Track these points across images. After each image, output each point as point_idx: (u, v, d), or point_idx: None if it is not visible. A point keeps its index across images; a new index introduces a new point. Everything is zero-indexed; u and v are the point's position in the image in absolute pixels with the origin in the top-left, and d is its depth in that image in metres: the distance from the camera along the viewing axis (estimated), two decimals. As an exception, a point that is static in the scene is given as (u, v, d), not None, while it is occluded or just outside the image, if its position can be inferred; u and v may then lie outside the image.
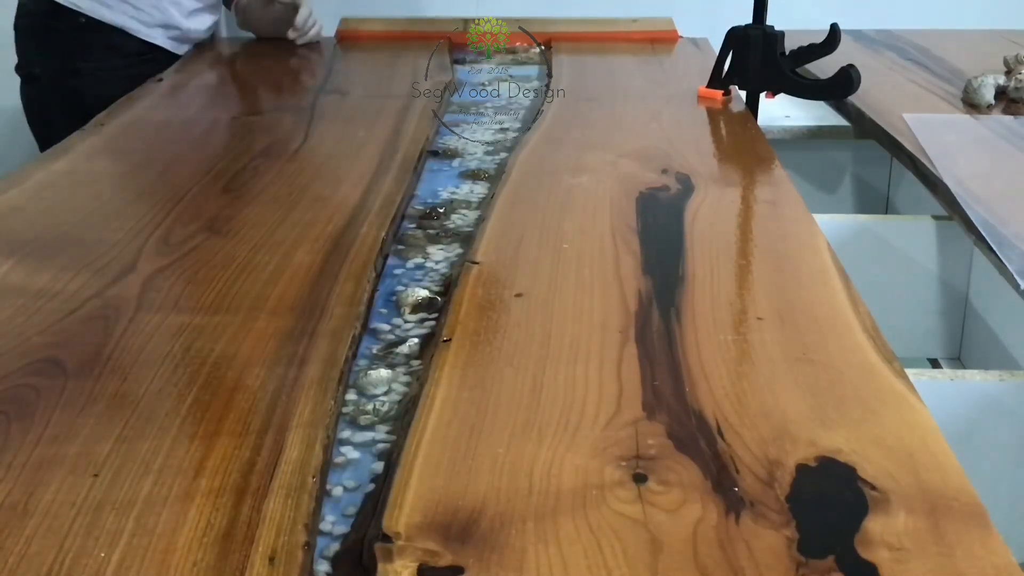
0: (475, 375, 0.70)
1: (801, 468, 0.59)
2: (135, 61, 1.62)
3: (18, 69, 1.64)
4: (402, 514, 0.55)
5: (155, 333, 0.76)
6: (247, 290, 0.83)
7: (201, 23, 1.74)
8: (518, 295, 0.81)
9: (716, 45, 1.39)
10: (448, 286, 0.84)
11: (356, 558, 0.53)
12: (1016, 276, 0.95)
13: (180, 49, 1.71)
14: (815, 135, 1.50)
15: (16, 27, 1.63)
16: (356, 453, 0.63)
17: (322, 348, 0.73)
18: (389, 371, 0.71)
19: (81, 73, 1.60)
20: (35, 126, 1.65)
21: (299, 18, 1.74)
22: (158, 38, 1.66)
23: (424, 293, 0.83)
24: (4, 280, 0.85)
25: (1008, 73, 1.47)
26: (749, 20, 1.32)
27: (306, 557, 0.53)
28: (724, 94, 1.38)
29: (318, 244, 0.92)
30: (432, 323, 0.79)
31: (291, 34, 1.75)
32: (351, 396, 0.69)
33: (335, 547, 0.54)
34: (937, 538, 0.53)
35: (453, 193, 1.07)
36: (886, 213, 1.50)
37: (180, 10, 1.68)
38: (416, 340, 0.76)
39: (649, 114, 1.35)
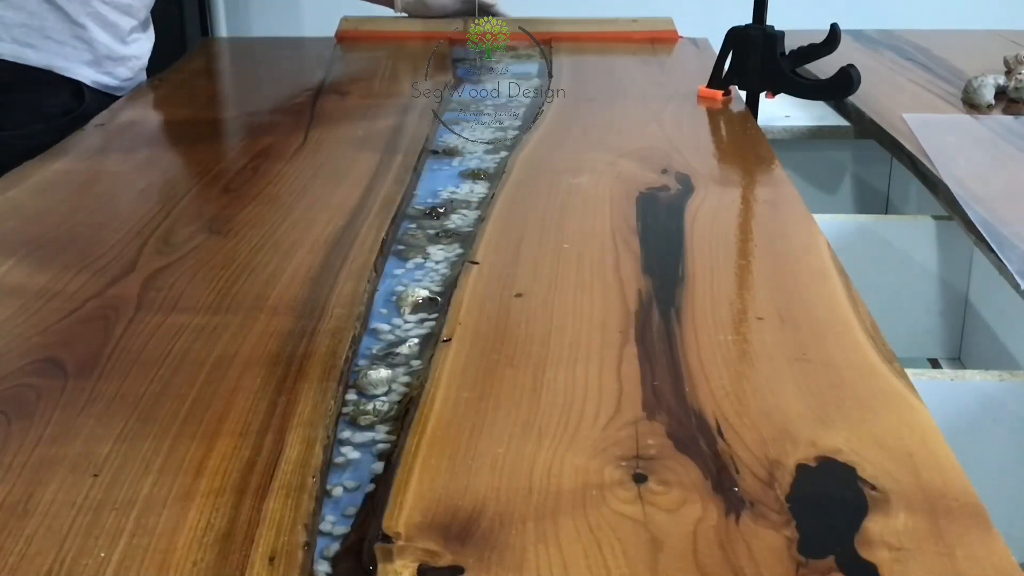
0: (475, 375, 0.70)
1: (801, 468, 0.59)
2: (59, 124, 1.35)
3: None
4: (402, 514, 0.55)
5: (155, 333, 0.76)
6: (247, 290, 0.83)
7: (140, 48, 1.55)
8: (518, 295, 0.81)
9: (716, 45, 1.39)
10: (448, 286, 0.84)
11: (356, 558, 0.53)
12: (1016, 276, 0.95)
13: (116, 90, 1.49)
14: (815, 135, 1.50)
15: None
16: (356, 453, 0.63)
17: (322, 348, 0.73)
18: (389, 371, 0.71)
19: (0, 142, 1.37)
20: None
21: None
22: (90, 77, 1.45)
23: (424, 293, 0.83)
24: (4, 280, 0.85)
25: (1008, 73, 1.47)
26: (749, 20, 1.32)
27: (306, 557, 0.53)
28: (724, 94, 1.38)
29: (318, 244, 0.92)
30: (432, 323, 0.79)
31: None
32: (351, 396, 0.69)
33: (335, 547, 0.54)
34: (937, 538, 0.53)
35: (453, 193, 1.07)
36: (886, 213, 1.50)
37: (116, 34, 1.48)
38: (416, 340, 0.76)
39: (649, 114, 1.35)
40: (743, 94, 1.37)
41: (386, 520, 0.55)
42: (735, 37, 1.33)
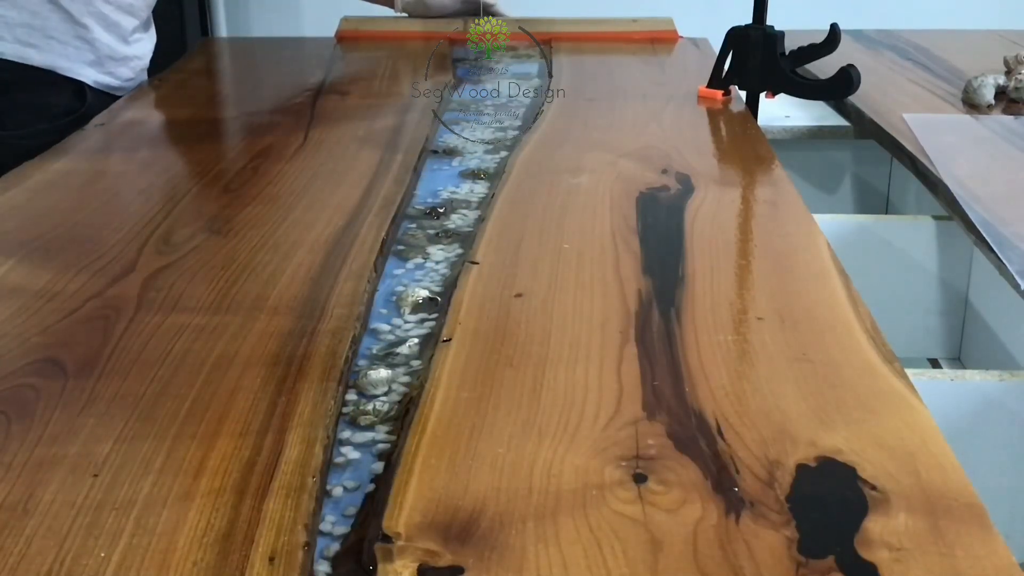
0: (475, 375, 0.70)
1: (801, 468, 0.59)
2: (61, 124, 1.35)
3: None
4: (402, 514, 0.55)
5: (155, 333, 0.76)
6: (247, 290, 0.83)
7: (142, 48, 1.54)
8: (518, 295, 0.81)
9: (716, 45, 1.39)
10: (448, 286, 0.84)
11: (356, 558, 0.53)
12: (1016, 276, 0.95)
13: (118, 91, 1.49)
14: (815, 135, 1.50)
15: None
16: (356, 453, 0.63)
17: (322, 348, 0.73)
18: (389, 371, 0.71)
19: (1, 142, 1.36)
20: None
21: None
22: (92, 77, 1.45)
23: (424, 293, 0.83)
24: (4, 280, 0.85)
25: (1008, 73, 1.47)
26: (749, 20, 1.32)
27: (306, 557, 0.53)
28: (724, 94, 1.38)
29: (318, 244, 0.92)
30: (432, 323, 0.79)
31: None
32: (351, 396, 0.69)
33: (335, 547, 0.54)
34: (937, 538, 0.53)
35: (453, 193, 1.07)
36: (886, 213, 1.50)
37: (118, 33, 1.47)
38: (416, 340, 0.76)
39: (649, 114, 1.35)
40: (743, 94, 1.37)
41: (386, 520, 0.55)
42: (735, 37, 1.33)
